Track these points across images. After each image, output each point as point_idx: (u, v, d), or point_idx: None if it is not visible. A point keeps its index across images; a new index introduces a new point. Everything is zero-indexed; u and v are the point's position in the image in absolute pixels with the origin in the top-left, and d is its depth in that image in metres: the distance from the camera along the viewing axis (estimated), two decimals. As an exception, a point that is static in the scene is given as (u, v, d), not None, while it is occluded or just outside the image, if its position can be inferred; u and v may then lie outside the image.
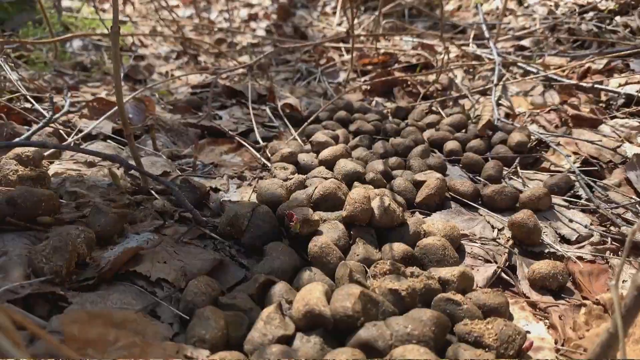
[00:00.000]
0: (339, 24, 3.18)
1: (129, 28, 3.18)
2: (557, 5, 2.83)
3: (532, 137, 1.58)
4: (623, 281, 0.99)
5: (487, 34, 2.15)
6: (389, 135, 1.65)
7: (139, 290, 0.83)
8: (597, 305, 0.87)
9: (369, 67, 2.31)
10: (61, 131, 1.32)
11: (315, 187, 1.12)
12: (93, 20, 3.17)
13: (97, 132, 1.35)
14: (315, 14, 3.36)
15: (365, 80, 2.16)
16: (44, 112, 1.38)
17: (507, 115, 1.87)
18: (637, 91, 1.83)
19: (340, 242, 0.98)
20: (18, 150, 1.07)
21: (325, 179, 1.21)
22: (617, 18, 2.60)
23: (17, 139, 1.11)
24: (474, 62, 2.23)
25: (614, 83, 1.97)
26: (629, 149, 1.53)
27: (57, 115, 1.32)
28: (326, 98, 2.02)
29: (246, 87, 1.84)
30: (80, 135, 1.30)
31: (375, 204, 1.05)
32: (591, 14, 2.63)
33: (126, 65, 2.34)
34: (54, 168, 1.12)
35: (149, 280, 0.85)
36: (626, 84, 1.93)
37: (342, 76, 2.29)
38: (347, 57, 2.43)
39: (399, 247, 0.98)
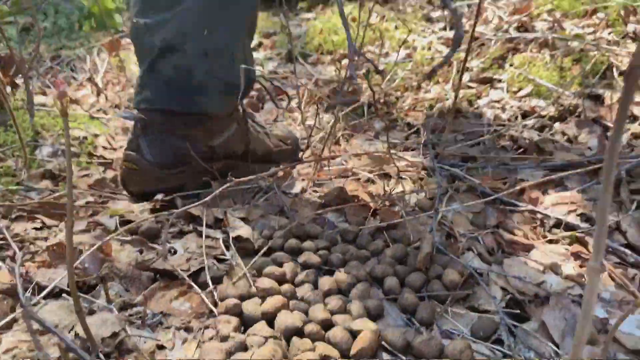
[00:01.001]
0: (304, 121, 3.35)
1: (100, 126, 3.30)
2: (503, 109, 3.05)
3: (465, 272, 1.71)
4: None
5: (430, 156, 2.32)
6: (335, 266, 1.77)
7: None
8: None
9: (325, 179, 2.45)
10: (19, 289, 1.40)
11: (252, 353, 1.22)
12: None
13: (54, 287, 1.44)
14: (280, 110, 3.55)
15: (320, 196, 2.29)
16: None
17: (448, 236, 2.00)
18: (563, 215, 1.99)
19: None
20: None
21: (266, 338, 1.30)
22: (556, 125, 2.81)
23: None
24: (421, 175, 2.39)
25: (547, 202, 2.13)
26: (554, 283, 1.66)
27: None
28: (283, 215, 2.14)
29: (203, 211, 1.95)
30: (41, 295, 1.38)
31: (304, 376, 1.14)
32: (533, 120, 2.84)
33: (94, 177, 2.45)
34: (5, 342, 1.20)
35: None
36: (557, 204, 2.09)
37: (299, 186, 2.43)
38: (303, 167, 2.57)
39: None
